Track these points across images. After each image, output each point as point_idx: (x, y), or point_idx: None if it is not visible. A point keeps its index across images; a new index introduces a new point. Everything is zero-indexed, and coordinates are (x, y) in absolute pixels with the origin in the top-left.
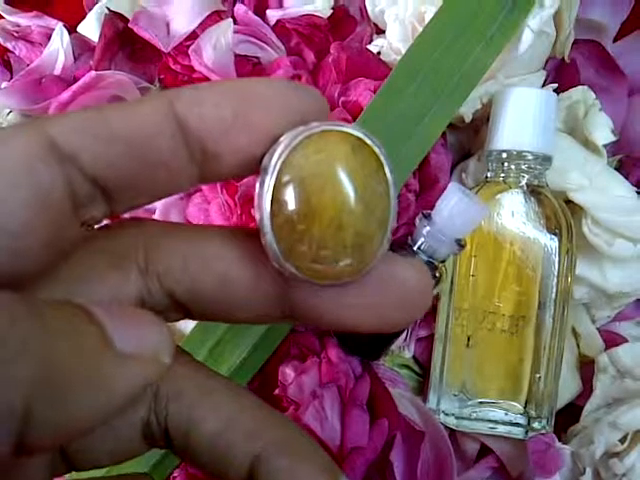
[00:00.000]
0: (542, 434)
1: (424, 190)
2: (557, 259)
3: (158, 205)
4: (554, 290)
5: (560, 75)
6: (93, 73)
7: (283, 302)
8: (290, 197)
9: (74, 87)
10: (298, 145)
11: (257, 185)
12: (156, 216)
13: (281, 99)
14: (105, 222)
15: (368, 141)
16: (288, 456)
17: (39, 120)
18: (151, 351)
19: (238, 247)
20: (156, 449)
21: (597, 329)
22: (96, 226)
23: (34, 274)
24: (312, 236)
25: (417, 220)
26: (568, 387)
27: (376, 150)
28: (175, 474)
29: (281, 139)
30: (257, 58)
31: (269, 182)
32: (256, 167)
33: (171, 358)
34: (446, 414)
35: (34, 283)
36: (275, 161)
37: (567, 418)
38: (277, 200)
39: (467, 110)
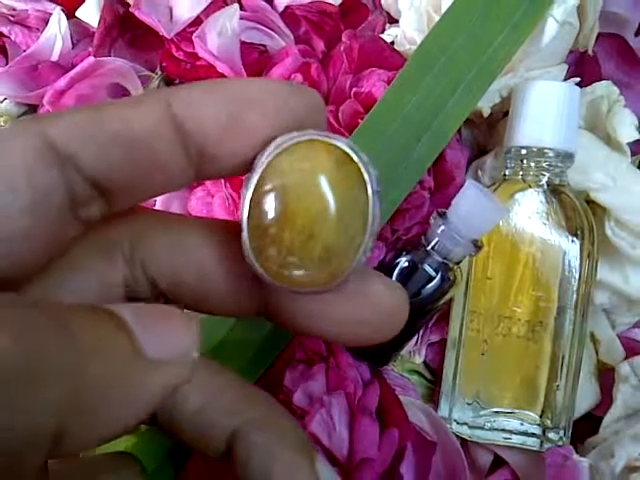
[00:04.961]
0: (559, 446)
1: (439, 187)
2: (578, 262)
3: (159, 198)
4: (574, 295)
5: (581, 69)
6: (91, 59)
7: (257, 300)
8: (269, 200)
9: (71, 74)
10: (285, 150)
11: (244, 184)
12: (157, 208)
13: (277, 101)
14: None
15: (354, 157)
16: (265, 433)
17: (37, 120)
18: (182, 353)
19: (219, 242)
20: None
21: (617, 336)
22: None
23: (32, 274)
24: (282, 241)
25: (432, 219)
26: (586, 396)
27: (361, 167)
28: None
29: (272, 142)
30: (264, 46)
31: (252, 182)
32: (250, 167)
33: (198, 351)
34: (458, 423)
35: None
36: (261, 163)
37: (584, 429)
38: (256, 201)
39: (485, 104)
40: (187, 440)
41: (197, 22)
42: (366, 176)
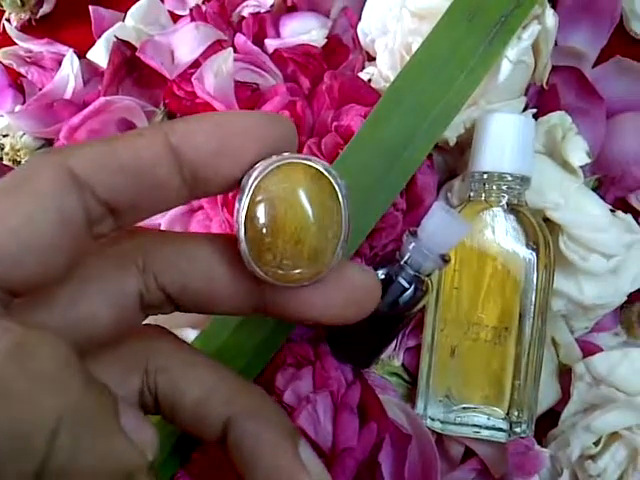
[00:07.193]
0: (522, 437)
1: (411, 209)
2: (536, 273)
3: (163, 221)
4: (533, 302)
5: (541, 100)
6: (103, 99)
7: (256, 298)
8: (261, 215)
9: (85, 112)
10: (269, 173)
11: (236, 202)
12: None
13: (258, 130)
14: None
15: (325, 173)
16: (255, 421)
17: (59, 152)
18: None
19: (221, 252)
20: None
21: (576, 339)
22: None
23: (55, 282)
24: (277, 247)
25: (404, 237)
26: (548, 394)
27: (332, 180)
28: (178, 475)
29: (257, 165)
30: (256, 84)
31: (245, 201)
32: (236, 186)
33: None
34: (432, 419)
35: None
36: (251, 184)
37: (548, 423)
38: (250, 217)
39: (451, 134)
40: (187, 428)
41: (196, 64)
42: (336, 186)
